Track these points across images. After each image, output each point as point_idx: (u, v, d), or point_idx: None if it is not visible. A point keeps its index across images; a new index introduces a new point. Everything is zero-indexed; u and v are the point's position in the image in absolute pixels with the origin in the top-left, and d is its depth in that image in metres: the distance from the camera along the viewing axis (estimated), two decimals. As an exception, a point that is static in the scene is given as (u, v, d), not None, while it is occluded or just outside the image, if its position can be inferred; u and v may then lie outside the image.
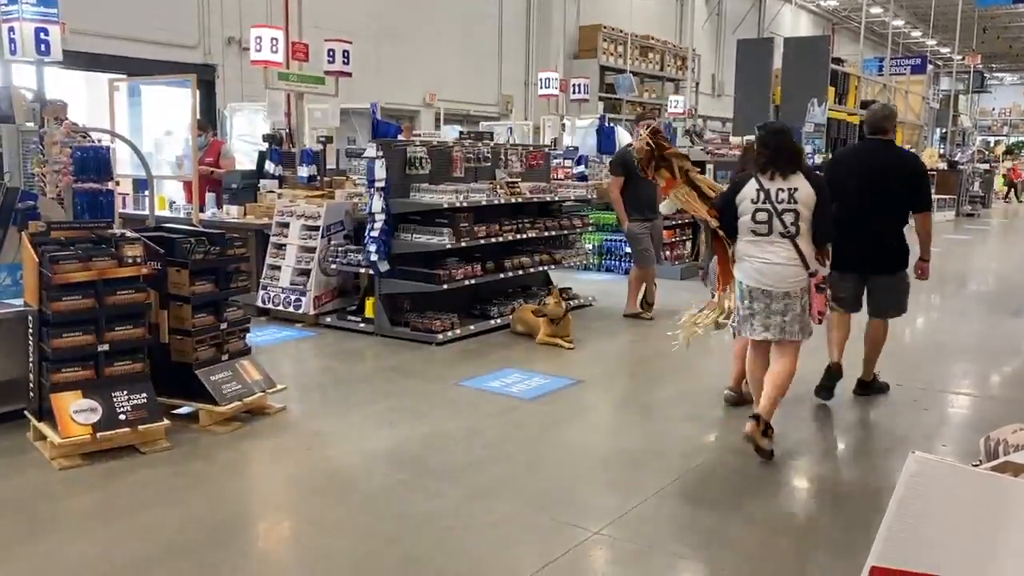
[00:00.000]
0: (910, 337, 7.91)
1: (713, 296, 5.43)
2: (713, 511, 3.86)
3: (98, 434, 4.27)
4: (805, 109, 15.35)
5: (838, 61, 18.56)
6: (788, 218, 4.37)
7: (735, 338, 5.01)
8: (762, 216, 4.41)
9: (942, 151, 26.21)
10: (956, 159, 23.93)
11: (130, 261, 4.50)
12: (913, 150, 23.47)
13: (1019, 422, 1.88)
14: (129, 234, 4.73)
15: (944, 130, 30.69)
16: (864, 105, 19.40)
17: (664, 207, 5.33)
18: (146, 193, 7.32)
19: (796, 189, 4.38)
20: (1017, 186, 30.41)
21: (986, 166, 26.68)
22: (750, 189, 4.46)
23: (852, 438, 5.11)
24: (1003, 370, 6.65)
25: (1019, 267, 13.05)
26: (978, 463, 1.51)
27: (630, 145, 7.83)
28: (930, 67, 27.62)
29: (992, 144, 37.87)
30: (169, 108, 8.66)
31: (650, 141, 4.88)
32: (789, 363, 4.54)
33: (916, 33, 37.35)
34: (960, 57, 33.22)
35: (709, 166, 10.40)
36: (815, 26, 33.57)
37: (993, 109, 48.76)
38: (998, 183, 29.45)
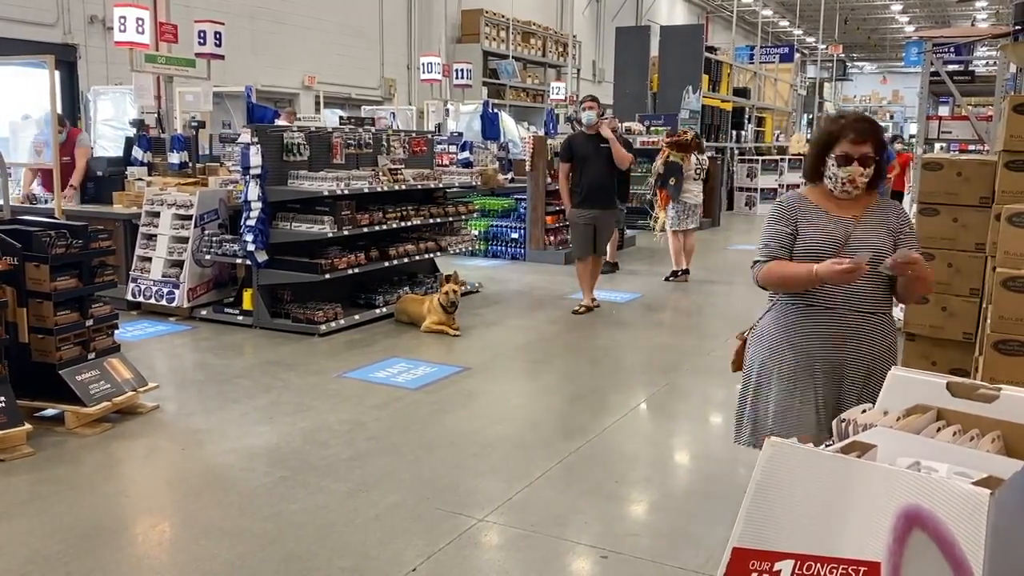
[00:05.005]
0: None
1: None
2: (596, 492, 3.95)
3: (-50, 442, 4.00)
4: (681, 96, 15.80)
5: (711, 49, 19.19)
6: None
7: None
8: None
9: (808, 136, 27.48)
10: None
11: (-19, 257, 4.21)
12: (782, 135, 24.56)
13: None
14: (-21, 228, 4.43)
15: (810, 116, 32.21)
16: (737, 92, 20.18)
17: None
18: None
19: None
20: None
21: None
22: None
23: (718, 414, 5.31)
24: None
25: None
26: (831, 443, 1.59)
27: (576, 130, 8.05)
28: (797, 56, 28.84)
29: (854, 130, 39.93)
30: (27, 90, 8.14)
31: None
32: None
33: (784, 23, 39.03)
34: (824, 47, 34.90)
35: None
36: (690, 14, 34.57)
37: (855, 96, 51.61)
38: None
